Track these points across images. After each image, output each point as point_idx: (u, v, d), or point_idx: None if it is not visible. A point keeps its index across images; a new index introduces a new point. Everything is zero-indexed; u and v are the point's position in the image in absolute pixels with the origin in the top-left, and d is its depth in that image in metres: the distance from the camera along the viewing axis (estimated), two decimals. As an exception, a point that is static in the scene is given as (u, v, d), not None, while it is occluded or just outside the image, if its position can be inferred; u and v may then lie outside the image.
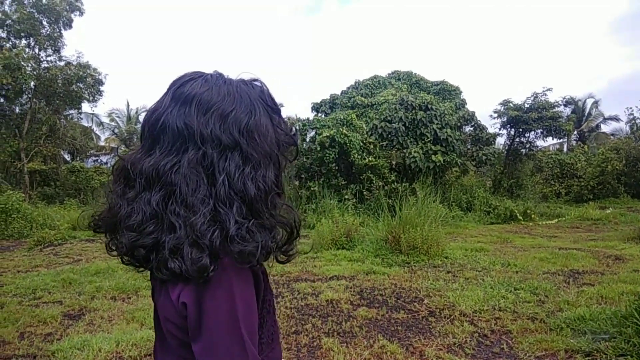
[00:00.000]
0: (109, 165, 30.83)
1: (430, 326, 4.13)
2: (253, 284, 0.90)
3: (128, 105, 38.91)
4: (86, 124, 33.38)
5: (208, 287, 0.83)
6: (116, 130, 37.69)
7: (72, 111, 23.60)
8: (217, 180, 0.86)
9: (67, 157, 29.69)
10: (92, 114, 33.36)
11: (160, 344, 1.01)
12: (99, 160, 34.38)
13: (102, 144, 35.74)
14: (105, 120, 36.81)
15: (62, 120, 23.45)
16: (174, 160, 0.87)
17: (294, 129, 1.07)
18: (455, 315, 4.37)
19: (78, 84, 20.60)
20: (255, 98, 0.95)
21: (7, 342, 3.85)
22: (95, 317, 4.58)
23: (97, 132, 36.12)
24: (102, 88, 21.57)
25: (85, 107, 23.00)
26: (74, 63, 20.35)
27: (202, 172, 0.87)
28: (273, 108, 0.98)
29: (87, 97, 21.28)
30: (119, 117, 38.27)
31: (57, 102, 20.85)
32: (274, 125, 0.96)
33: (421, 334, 3.93)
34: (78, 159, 29.50)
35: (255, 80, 0.99)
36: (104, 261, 7.41)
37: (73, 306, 4.97)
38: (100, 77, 21.19)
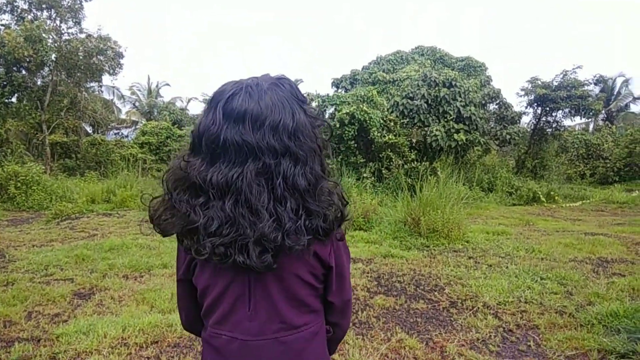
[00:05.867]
0: (129, 138, 30.95)
1: (452, 318, 3.91)
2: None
3: (149, 79, 38.99)
4: (107, 97, 33.53)
5: None
6: (137, 104, 37.82)
7: (92, 84, 23.68)
8: (275, 183, 1.01)
9: (89, 129, 29.85)
10: (113, 87, 33.51)
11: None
12: (120, 134, 34.55)
13: (123, 117, 35.86)
14: (126, 93, 36.94)
15: (83, 93, 23.52)
16: (238, 171, 1.00)
17: (313, 104, 1.14)
18: (478, 307, 4.14)
19: (98, 56, 20.62)
20: (290, 98, 1.07)
21: (13, 322, 3.76)
22: (105, 297, 4.47)
23: (118, 105, 36.28)
24: (122, 61, 21.61)
25: (106, 80, 23.08)
26: (95, 35, 20.30)
27: (262, 179, 1.00)
28: (303, 100, 1.10)
29: (108, 69, 21.30)
30: (139, 90, 38.35)
31: (78, 74, 20.88)
32: (308, 116, 1.09)
33: (442, 327, 3.71)
34: (99, 131, 29.64)
35: (280, 78, 1.10)
36: (119, 237, 7.35)
37: (84, 284, 4.88)
38: (120, 50, 21.17)
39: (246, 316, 1.12)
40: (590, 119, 29.16)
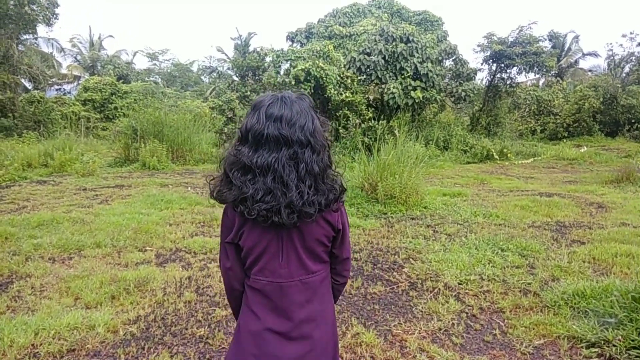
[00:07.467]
0: (71, 95, 29.11)
1: (412, 303, 3.61)
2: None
3: (90, 31, 36.59)
4: (46, 50, 31.29)
5: None
6: (78, 57, 35.57)
7: (27, 36, 21.92)
8: (299, 166, 1.44)
9: (28, 85, 27.80)
10: (51, 39, 31.29)
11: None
12: (62, 90, 32.46)
13: (64, 71, 33.63)
14: (67, 45, 34.58)
15: (19, 46, 21.73)
16: (276, 156, 1.43)
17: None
18: (439, 288, 3.85)
19: (31, 5, 19.00)
20: (309, 108, 1.53)
21: None
22: (24, 287, 3.92)
23: (58, 59, 33.99)
24: (57, 10, 20.02)
25: (42, 31, 21.35)
26: (25, -18, 18.51)
27: (292, 162, 1.44)
28: (316, 110, 1.58)
29: (42, 19, 19.71)
30: (81, 42, 36.03)
31: (10, 25, 19.15)
32: (320, 122, 1.55)
33: (401, 316, 3.40)
34: (39, 88, 27.66)
35: (302, 94, 1.58)
36: (50, 210, 6.68)
37: (2, 271, 4.29)
38: (54, -1, 19.53)
39: (279, 266, 1.55)
40: (542, 75, 29.45)
